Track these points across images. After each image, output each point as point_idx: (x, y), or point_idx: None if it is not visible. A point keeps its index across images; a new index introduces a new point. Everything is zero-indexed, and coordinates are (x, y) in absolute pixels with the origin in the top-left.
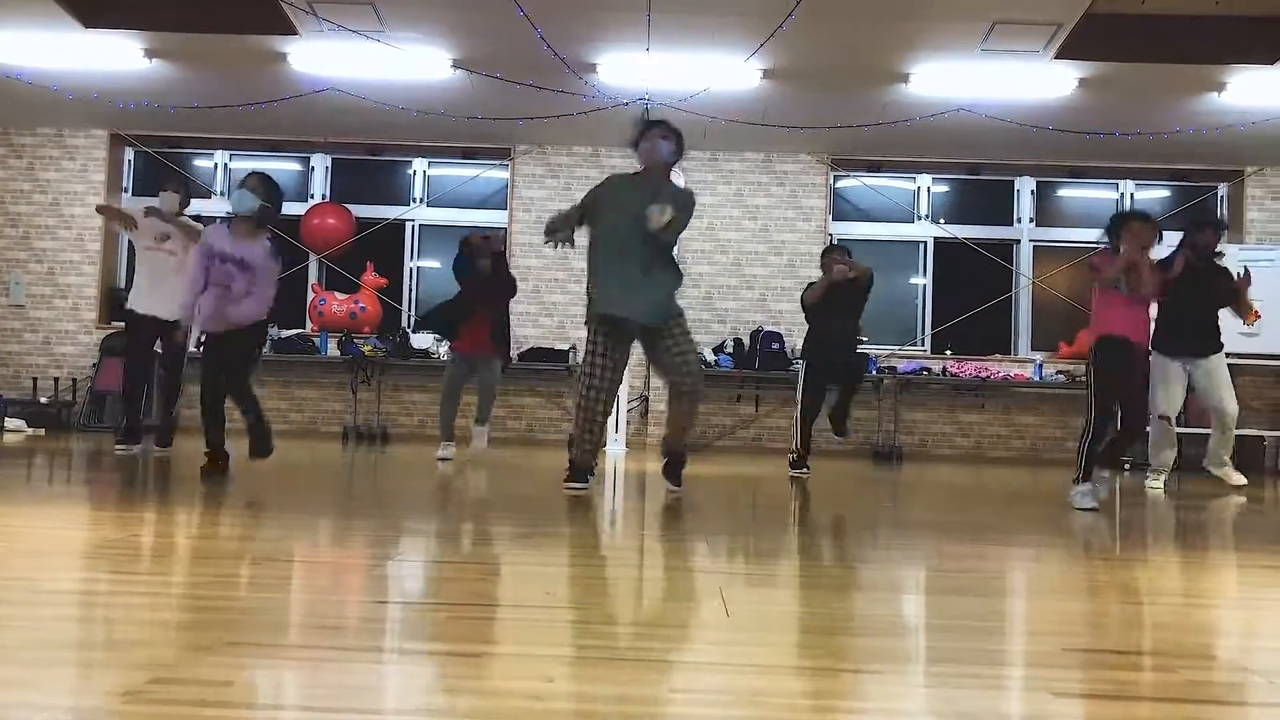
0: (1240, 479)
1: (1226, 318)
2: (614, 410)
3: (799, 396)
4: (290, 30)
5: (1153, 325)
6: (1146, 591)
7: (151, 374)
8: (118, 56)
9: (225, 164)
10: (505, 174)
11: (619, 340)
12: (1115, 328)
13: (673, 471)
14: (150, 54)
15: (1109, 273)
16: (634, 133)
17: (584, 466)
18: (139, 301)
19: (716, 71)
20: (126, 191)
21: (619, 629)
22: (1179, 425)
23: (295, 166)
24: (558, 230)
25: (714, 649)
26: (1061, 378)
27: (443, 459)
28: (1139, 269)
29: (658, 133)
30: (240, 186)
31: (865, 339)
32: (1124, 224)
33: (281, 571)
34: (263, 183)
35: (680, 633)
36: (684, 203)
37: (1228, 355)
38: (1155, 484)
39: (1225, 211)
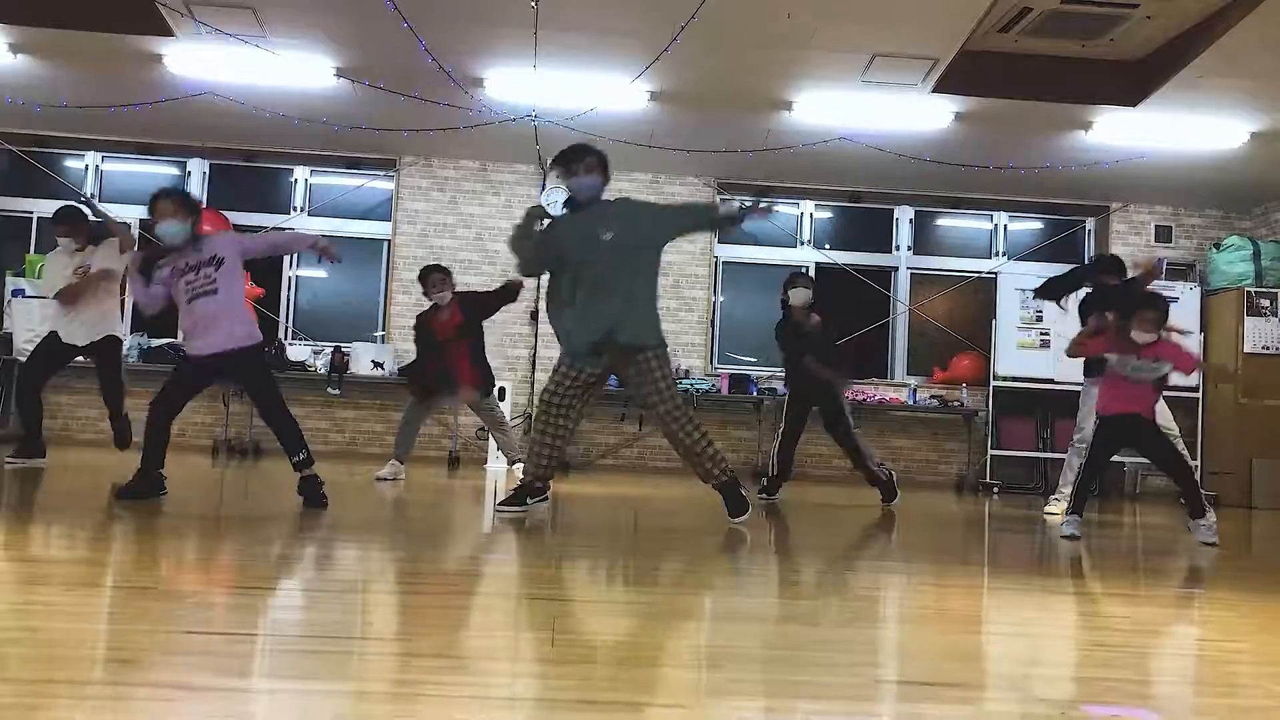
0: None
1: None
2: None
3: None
4: (166, 31)
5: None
6: (977, 621)
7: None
8: None
9: (97, 166)
10: (390, 185)
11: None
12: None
13: (729, 504)
14: (15, 49)
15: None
16: (558, 170)
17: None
18: (65, 332)
19: (604, 91)
20: None
21: (429, 661)
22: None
23: (171, 171)
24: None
25: (526, 683)
26: (935, 402)
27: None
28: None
29: (581, 168)
30: (158, 217)
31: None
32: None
33: (97, 598)
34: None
35: (496, 666)
36: (635, 211)
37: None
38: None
39: (1092, 245)
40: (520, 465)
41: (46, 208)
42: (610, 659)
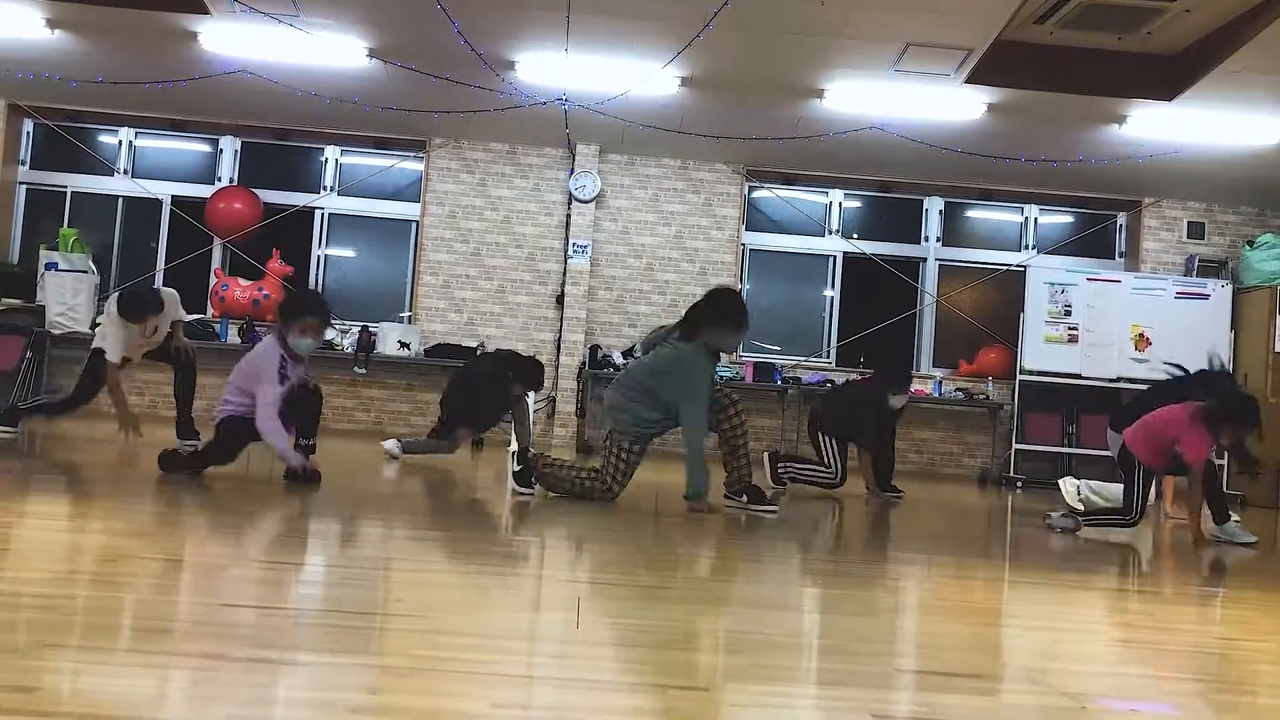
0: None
1: None
2: None
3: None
4: (201, 9)
5: None
6: (997, 614)
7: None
8: (18, 25)
9: (130, 141)
10: (420, 166)
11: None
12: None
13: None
14: (53, 24)
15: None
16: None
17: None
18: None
19: (635, 76)
20: (24, 164)
21: (460, 639)
22: None
23: (203, 148)
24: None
25: (550, 662)
26: (960, 395)
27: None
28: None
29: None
30: (301, 334)
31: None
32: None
33: (131, 569)
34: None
35: (522, 645)
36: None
37: (1119, 380)
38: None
39: (1124, 240)
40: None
41: (80, 182)
42: (634, 641)
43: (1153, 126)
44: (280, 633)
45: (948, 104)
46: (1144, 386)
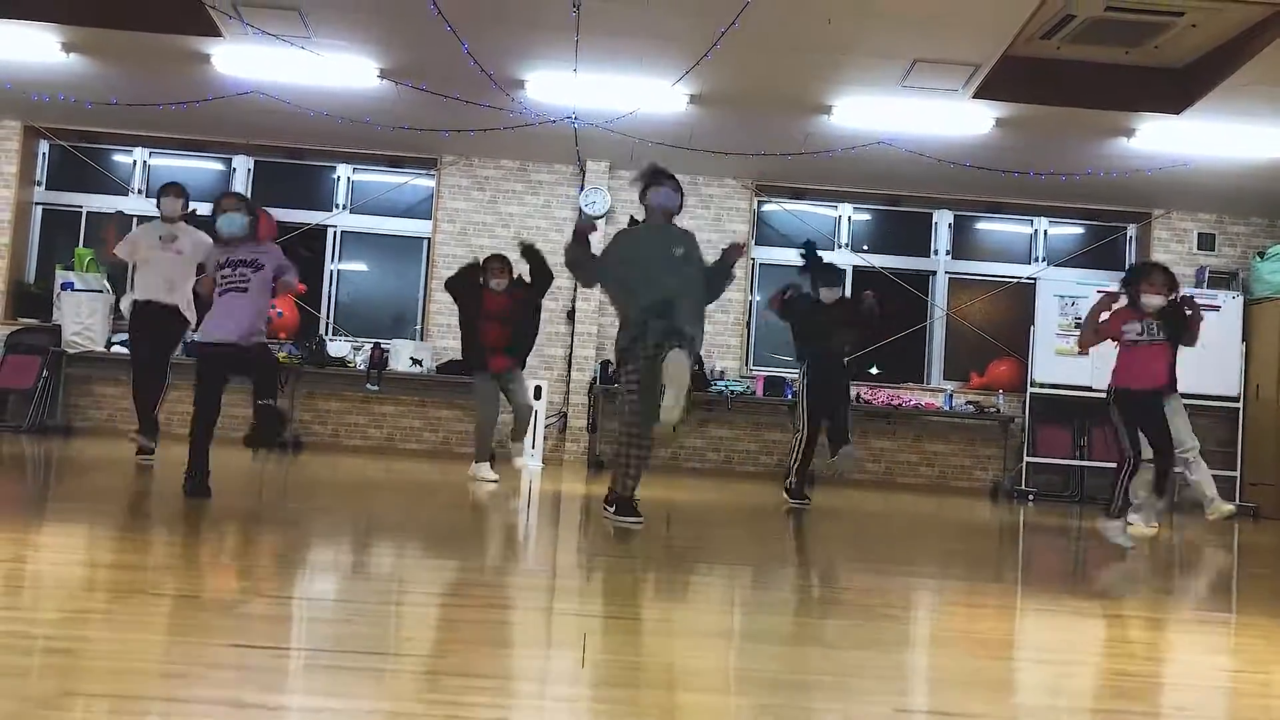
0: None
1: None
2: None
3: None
4: (214, 32)
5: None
6: (1003, 645)
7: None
8: (34, 48)
9: (144, 161)
10: (431, 184)
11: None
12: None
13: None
14: (68, 48)
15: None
16: (641, 184)
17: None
18: (153, 294)
19: (644, 94)
20: (40, 185)
21: (461, 680)
22: None
23: (217, 167)
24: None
25: (554, 706)
26: (971, 408)
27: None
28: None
29: (668, 185)
30: (221, 211)
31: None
32: (1144, 274)
33: (144, 607)
34: (242, 200)
35: (529, 687)
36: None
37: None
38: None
39: (1134, 252)
40: (520, 460)
41: (95, 202)
42: (638, 681)
43: (1162, 139)
44: (291, 676)
45: (956, 119)
46: None
